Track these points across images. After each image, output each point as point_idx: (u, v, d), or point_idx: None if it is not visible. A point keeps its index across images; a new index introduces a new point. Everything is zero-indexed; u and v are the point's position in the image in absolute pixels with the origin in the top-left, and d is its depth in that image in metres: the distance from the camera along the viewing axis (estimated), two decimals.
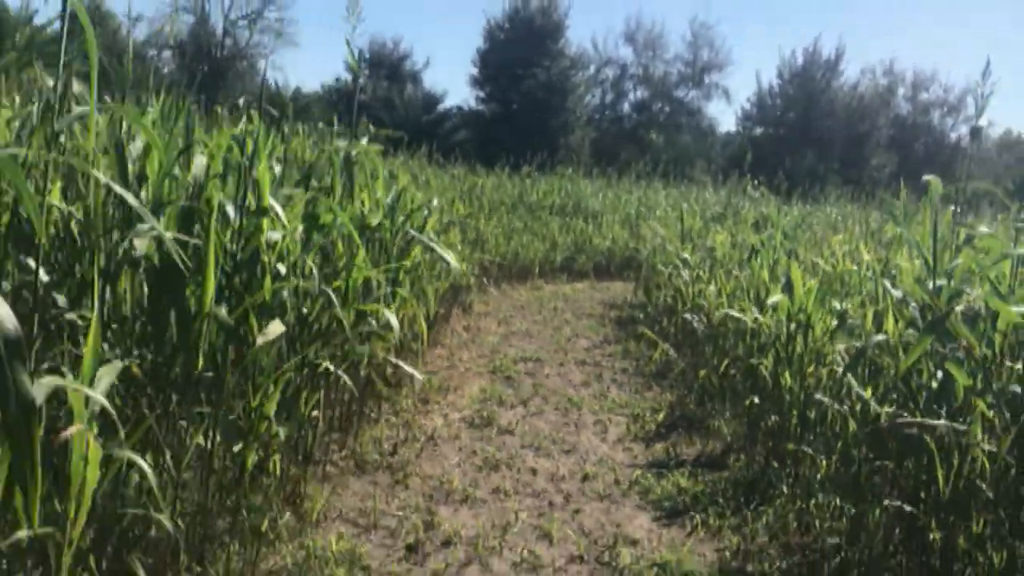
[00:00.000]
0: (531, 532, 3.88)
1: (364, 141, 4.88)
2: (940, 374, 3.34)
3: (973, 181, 4.77)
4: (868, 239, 8.73)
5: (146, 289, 2.62)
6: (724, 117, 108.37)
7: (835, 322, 4.59)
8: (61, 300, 2.51)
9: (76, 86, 3.09)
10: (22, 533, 1.94)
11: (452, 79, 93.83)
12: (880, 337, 3.50)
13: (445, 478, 4.46)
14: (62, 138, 2.98)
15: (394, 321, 3.78)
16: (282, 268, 3.14)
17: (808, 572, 3.56)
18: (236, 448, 3.06)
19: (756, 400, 5.16)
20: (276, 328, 2.83)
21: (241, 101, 5.38)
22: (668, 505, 4.35)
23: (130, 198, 2.01)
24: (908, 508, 3.21)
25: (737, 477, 4.75)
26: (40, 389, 1.53)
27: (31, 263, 2.19)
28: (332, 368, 3.49)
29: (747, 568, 3.61)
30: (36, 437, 1.44)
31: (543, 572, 3.49)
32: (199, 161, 2.77)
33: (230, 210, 2.99)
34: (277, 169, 3.72)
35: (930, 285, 3.41)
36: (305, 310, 3.47)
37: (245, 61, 39.27)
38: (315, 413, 3.76)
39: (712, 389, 6.32)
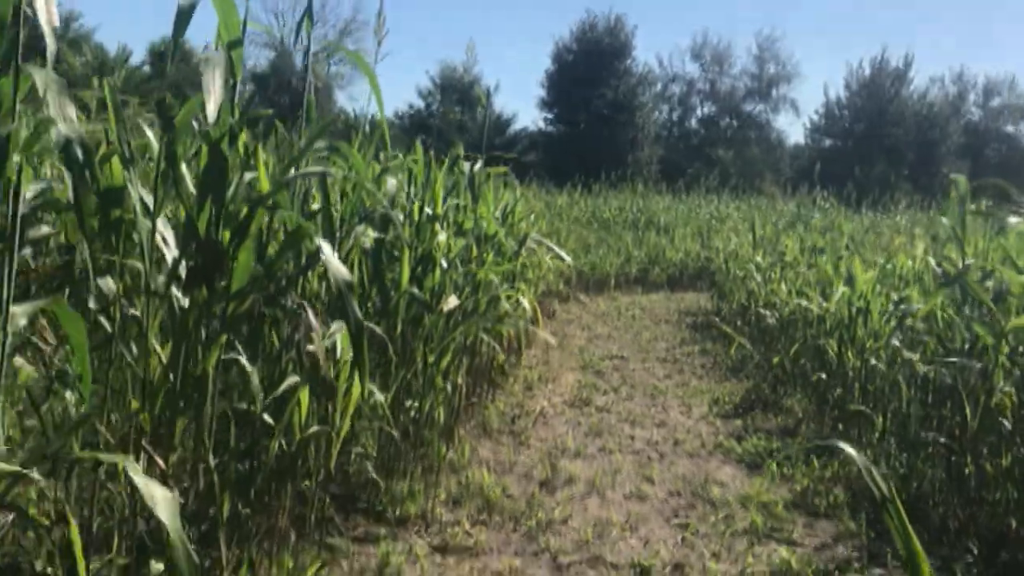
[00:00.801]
0: (636, 476, 4.75)
1: (480, 164, 5.83)
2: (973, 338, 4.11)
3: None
4: (929, 240, 9.35)
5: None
6: (792, 129, 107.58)
7: (891, 306, 5.34)
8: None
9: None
10: (311, 428, 2.91)
11: (521, 101, 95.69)
12: (919, 306, 4.28)
13: (559, 441, 5.36)
14: None
15: (526, 304, 4.71)
16: (444, 262, 4.08)
17: (869, 502, 4.33)
18: (412, 401, 4.02)
19: (823, 376, 5.93)
20: (453, 300, 3.77)
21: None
22: (748, 460, 5.16)
23: (391, 212, 2.96)
24: (944, 440, 3.98)
25: (808, 442, 5.52)
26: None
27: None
28: (485, 337, 4.43)
29: (816, 501, 4.40)
30: (364, 343, 2.36)
31: (649, 501, 4.36)
32: (391, 181, 3.73)
33: (400, 216, 3.95)
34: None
35: (960, 264, 4.18)
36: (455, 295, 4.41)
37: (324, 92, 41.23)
38: (459, 381, 4.70)
39: (784, 375, 7.08)
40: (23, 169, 1.77)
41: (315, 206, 3.58)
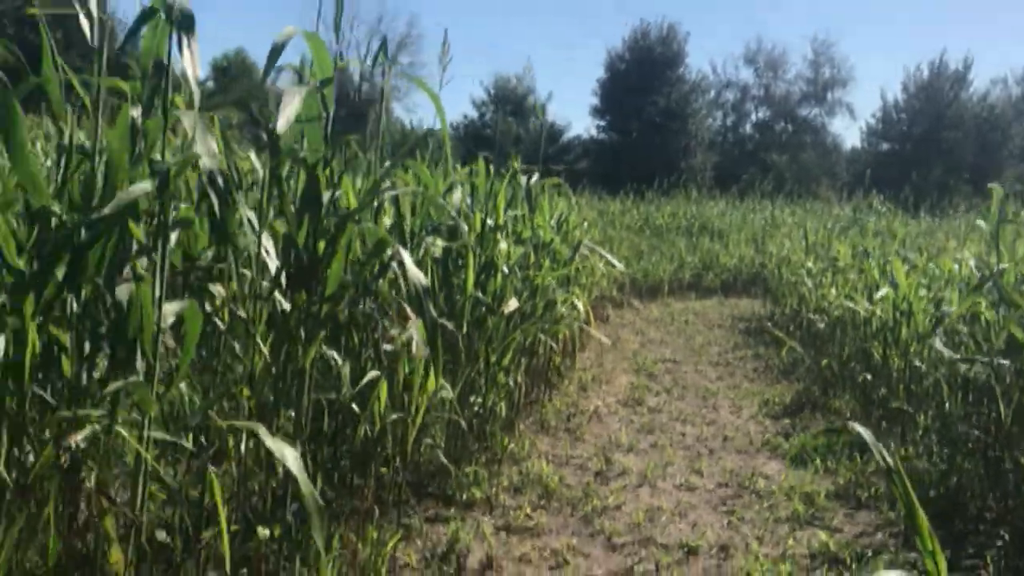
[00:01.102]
0: (686, 469, 5.04)
1: (536, 176, 6.17)
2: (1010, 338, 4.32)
3: None
4: (983, 244, 9.42)
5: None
6: (849, 133, 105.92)
7: (934, 308, 5.54)
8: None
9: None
10: (390, 416, 3.28)
11: (573, 109, 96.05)
12: (953, 308, 4.50)
13: (613, 437, 5.67)
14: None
15: (581, 307, 5.05)
16: (505, 268, 4.44)
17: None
18: (476, 397, 4.37)
19: (868, 377, 6.14)
20: (514, 303, 4.13)
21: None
22: (794, 456, 5.40)
23: (460, 224, 3.34)
24: (981, 436, 4.20)
25: (853, 439, 5.73)
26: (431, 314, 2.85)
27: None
28: (543, 337, 4.78)
29: (857, 492, 4.64)
30: (438, 341, 2.72)
31: (698, 491, 4.65)
32: (457, 194, 4.10)
33: (464, 225, 4.32)
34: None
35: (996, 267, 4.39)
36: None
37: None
38: (519, 379, 5.06)
39: (833, 377, 7.27)
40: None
41: (387, 219, 3.97)
